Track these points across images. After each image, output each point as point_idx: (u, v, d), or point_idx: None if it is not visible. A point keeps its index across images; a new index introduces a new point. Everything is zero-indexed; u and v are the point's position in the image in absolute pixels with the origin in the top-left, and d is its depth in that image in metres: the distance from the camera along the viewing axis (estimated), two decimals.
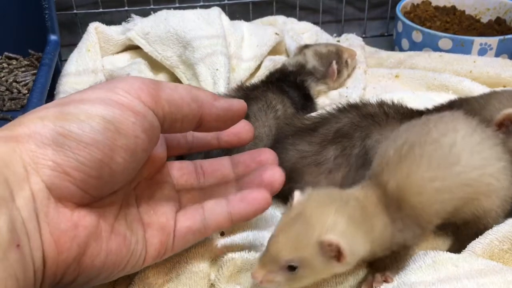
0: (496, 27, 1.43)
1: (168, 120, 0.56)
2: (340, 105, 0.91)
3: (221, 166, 0.71)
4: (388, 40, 1.56)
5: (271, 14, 1.52)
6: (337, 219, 0.59)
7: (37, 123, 0.49)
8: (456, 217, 0.72)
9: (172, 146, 0.69)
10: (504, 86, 1.19)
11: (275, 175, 0.67)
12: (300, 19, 1.51)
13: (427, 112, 0.89)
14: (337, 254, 0.58)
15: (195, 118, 0.58)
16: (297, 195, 0.63)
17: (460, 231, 0.76)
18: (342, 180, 0.81)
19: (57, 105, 0.52)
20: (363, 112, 0.86)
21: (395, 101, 0.90)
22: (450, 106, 0.88)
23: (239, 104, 0.62)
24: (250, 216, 0.64)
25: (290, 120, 0.93)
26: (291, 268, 0.59)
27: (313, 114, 0.96)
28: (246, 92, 1.04)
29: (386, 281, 0.68)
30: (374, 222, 0.64)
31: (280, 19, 1.47)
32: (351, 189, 0.68)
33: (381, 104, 0.88)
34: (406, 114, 0.86)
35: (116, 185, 0.55)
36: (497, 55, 1.28)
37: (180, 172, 0.69)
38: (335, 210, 0.60)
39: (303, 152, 0.83)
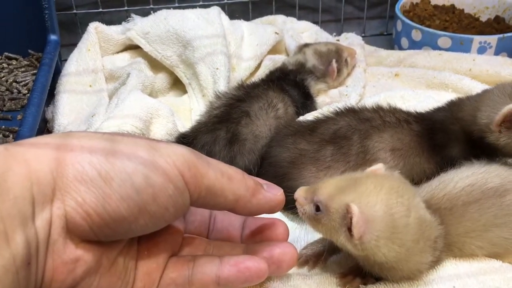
0: (495, 25, 1.43)
1: (200, 203, 0.55)
2: (337, 109, 0.92)
3: (232, 226, 0.67)
4: (387, 39, 1.56)
5: (271, 13, 1.52)
6: (381, 205, 0.58)
7: (85, 154, 0.49)
8: None
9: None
10: None
11: (286, 255, 0.61)
12: (299, 18, 1.51)
13: (422, 115, 0.90)
14: (349, 227, 0.58)
15: (226, 208, 0.57)
16: (380, 166, 0.65)
17: None
18: None
19: (109, 140, 0.51)
20: (360, 117, 0.87)
21: (391, 104, 0.91)
22: (445, 109, 0.89)
23: (277, 199, 0.59)
24: (238, 284, 0.59)
25: (289, 122, 0.95)
26: (317, 209, 0.62)
27: (311, 118, 0.97)
28: (247, 90, 1.05)
29: (364, 284, 0.68)
30: (421, 245, 0.62)
31: (280, 18, 1.47)
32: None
33: (377, 109, 0.89)
34: (402, 119, 0.87)
35: (126, 237, 0.54)
36: (496, 53, 1.28)
37: (194, 217, 0.66)
38: (389, 199, 0.59)
39: (302, 150, 0.84)
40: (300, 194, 0.64)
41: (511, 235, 0.68)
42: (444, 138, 0.84)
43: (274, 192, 0.59)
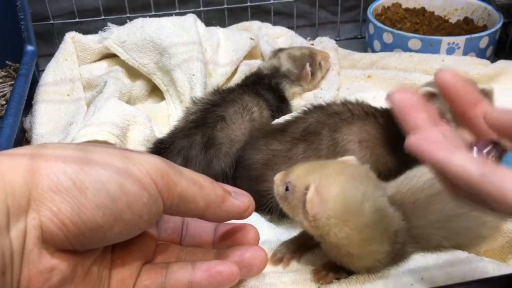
0: (464, 26, 1.47)
1: (173, 210, 0.57)
2: (305, 108, 0.95)
3: (204, 232, 0.68)
4: (361, 42, 1.60)
5: (246, 19, 1.54)
6: (336, 187, 0.63)
7: (59, 164, 0.50)
8: None
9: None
10: None
11: (256, 259, 0.63)
12: (274, 23, 1.54)
13: (387, 109, 0.92)
14: (304, 204, 0.63)
15: (197, 214, 0.59)
16: (351, 157, 0.70)
17: None
18: None
19: (82, 150, 0.52)
20: (329, 111, 0.90)
21: (358, 100, 0.94)
22: None
23: (244, 206, 0.62)
24: None
25: (261, 125, 0.98)
26: (287, 188, 0.67)
27: (281, 120, 0.99)
28: (222, 95, 1.07)
29: (337, 279, 0.70)
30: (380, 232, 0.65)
31: (255, 24, 1.50)
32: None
33: (345, 103, 0.92)
34: (369, 113, 0.90)
35: (101, 245, 0.56)
36: (464, 53, 1.32)
37: (167, 225, 0.68)
38: (346, 183, 0.63)
39: (275, 150, 0.87)
40: (277, 177, 0.70)
41: (474, 225, 0.72)
42: (400, 128, 0.88)
43: (241, 199, 0.62)
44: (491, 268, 0.70)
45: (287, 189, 0.67)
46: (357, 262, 0.67)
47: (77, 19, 1.45)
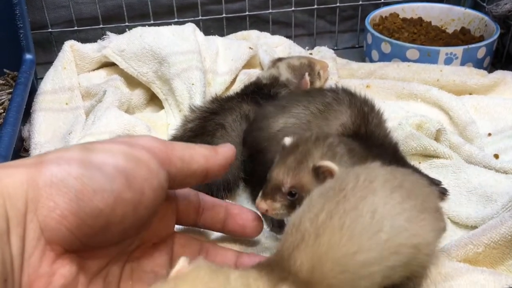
0: (461, 36, 1.48)
1: (180, 176, 0.58)
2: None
3: (225, 257, 0.67)
4: (359, 51, 1.61)
5: (245, 28, 1.55)
6: None
7: (55, 161, 0.50)
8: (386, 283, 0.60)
9: (181, 217, 0.68)
10: (470, 94, 1.24)
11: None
12: (273, 33, 1.54)
13: None
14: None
15: (203, 172, 0.61)
16: (181, 262, 0.51)
17: None
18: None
19: (85, 147, 0.53)
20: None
21: None
22: None
23: (230, 148, 0.65)
24: None
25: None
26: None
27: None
28: (221, 103, 1.07)
29: None
30: None
31: (254, 33, 1.51)
32: (242, 272, 0.52)
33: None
34: None
35: (109, 237, 0.54)
36: (462, 63, 1.33)
37: (183, 249, 0.67)
38: None
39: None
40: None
41: None
42: None
43: (224, 144, 0.65)
44: (492, 279, 0.70)
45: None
46: None
47: (76, 28, 1.45)
